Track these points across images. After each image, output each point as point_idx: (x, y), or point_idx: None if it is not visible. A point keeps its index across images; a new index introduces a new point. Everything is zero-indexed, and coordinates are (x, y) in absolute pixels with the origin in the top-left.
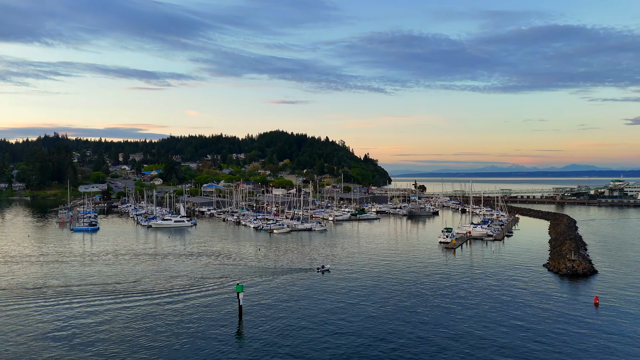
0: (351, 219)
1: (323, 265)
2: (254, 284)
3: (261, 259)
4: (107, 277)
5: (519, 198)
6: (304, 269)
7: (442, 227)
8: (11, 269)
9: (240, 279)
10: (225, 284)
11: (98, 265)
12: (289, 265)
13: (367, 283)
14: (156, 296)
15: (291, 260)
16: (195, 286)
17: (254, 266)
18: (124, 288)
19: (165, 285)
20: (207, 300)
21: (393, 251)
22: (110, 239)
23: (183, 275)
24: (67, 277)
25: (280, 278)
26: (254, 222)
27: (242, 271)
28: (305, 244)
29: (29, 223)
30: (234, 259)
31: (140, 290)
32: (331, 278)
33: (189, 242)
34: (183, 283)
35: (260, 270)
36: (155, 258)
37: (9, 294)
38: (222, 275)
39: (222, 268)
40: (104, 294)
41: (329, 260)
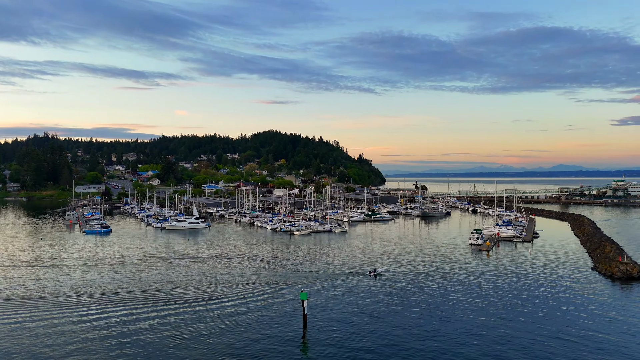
0: (365, 220)
1: (375, 269)
2: (304, 288)
3: (300, 262)
4: (144, 283)
5: (523, 198)
6: (356, 272)
7: (458, 228)
8: (38, 275)
9: (291, 284)
10: (273, 289)
11: (128, 269)
12: (331, 268)
13: (420, 286)
14: (206, 304)
15: (331, 263)
16: (242, 292)
17: (295, 270)
18: (167, 296)
19: (210, 291)
20: (261, 307)
21: (428, 253)
22: (126, 242)
23: (224, 281)
24: (100, 283)
25: (332, 282)
26: (270, 224)
27: (284, 275)
28: (333, 246)
29: (35, 225)
30: (269, 263)
31: (185, 297)
32: (385, 282)
33: (211, 244)
34: (228, 289)
35: (305, 275)
36: (184, 262)
37: (48, 303)
38: (265, 280)
39: (261, 272)
40: (149, 302)
41: (370, 262)
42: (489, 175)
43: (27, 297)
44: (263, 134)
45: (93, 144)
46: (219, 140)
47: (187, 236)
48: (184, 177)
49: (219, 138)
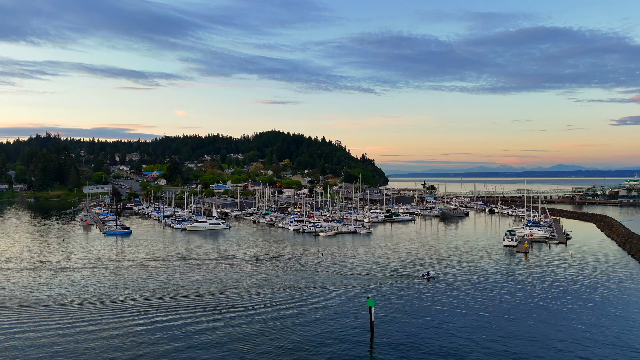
0: (385, 221)
1: (428, 272)
2: (358, 293)
3: (340, 265)
4: (187, 287)
5: (536, 198)
6: (407, 275)
7: (483, 229)
8: (74, 278)
9: (342, 289)
10: (324, 294)
11: (162, 273)
12: (378, 271)
13: (475, 290)
14: (261, 309)
15: (375, 265)
16: (291, 297)
17: (339, 273)
18: (215, 301)
19: (260, 296)
20: (318, 313)
21: (464, 255)
22: (149, 243)
23: (269, 285)
24: (142, 287)
25: (385, 286)
26: (292, 225)
27: (330, 279)
28: (364, 247)
29: (51, 226)
30: (307, 265)
31: (236, 303)
32: (439, 285)
33: (238, 246)
34: (274, 293)
35: (351, 278)
36: (218, 264)
37: (95, 309)
38: (311, 284)
39: (304, 276)
40: (200, 309)
41: (413, 264)
42: (488, 175)
43: (72, 302)
44: (265, 134)
45: (95, 144)
46: (222, 140)
47: (212, 237)
48: (190, 177)
49: (221, 138)
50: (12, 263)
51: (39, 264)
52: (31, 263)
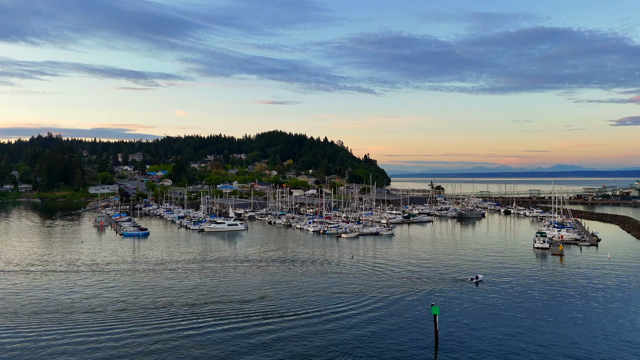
0: (404, 222)
1: (477, 275)
2: (408, 298)
3: (379, 268)
4: (227, 292)
5: (547, 199)
6: (453, 279)
7: (506, 230)
8: (106, 282)
9: (387, 294)
10: (371, 299)
11: (195, 276)
12: (419, 274)
13: (524, 294)
14: (309, 316)
15: (415, 267)
16: (339, 302)
17: (381, 277)
18: (261, 307)
19: (304, 302)
20: (369, 320)
21: (497, 257)
22: (170, 245)
23: (310, 289)
24: (181, 292)
25: (433, 290)
26: (311, 226)
27: (372, 283)
28: (394, 249)
29: (64, 227)
30: (343, 268)
31: (280, 309)
32: (489, 289)
33: (262, 247)
34: (320, 298)
35: (396, 282)
36: (249, 267)
37: (137, 315)
38: (356, 289)
39: (344, 279)
40: (246, 315)
41: (447, 266)
42: (488, 175)
43: (111, 308)
44: (267, 134)
45: (97, 144)
46: (224, 140)
47: (231, 239)
48: (195, 178)
49: (223, 138)
50: (37, 265)
51: (65, 267)
52: (56, 265)
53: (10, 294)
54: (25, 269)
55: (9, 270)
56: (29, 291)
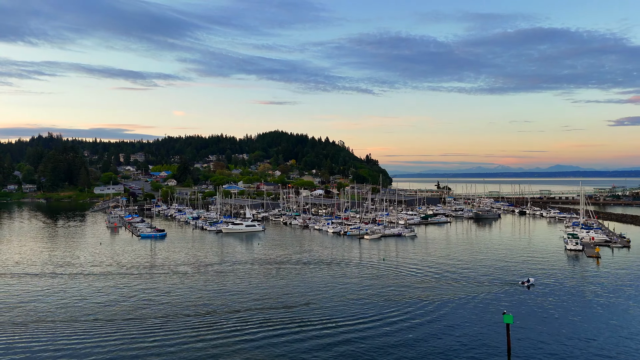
0: (422, 223)
1: (528, 278)
2: (461, 303)
3: (417, 271)
4: (269, 298)
5: (558, 199)
6: (505, 282)
7: (529, 231)
8: (138, 287)
9: (440, 299)
10: (423, 305)
11: (232, 280)
12: (464, 277)
13: (579, 298)
14: (364, 324)
15: (449, 269)
16: (390, 309)
17: (424, 281)
18: (305, 313)
19: (353, 308)
20: (427, 327)
21: (531, 259)
22: (192, 247)
23: (355, 295)
24: (221, 297)
25: (485, 294)
26: (331, 227)
27: (417, 288)
28: (419, 250)
29: (77, 228)
30: (379, 271)
31: (330, 316)
32: (541, 293)
33: (287, 249)
34: (368, 304)
35: (442, 286)
36: (279, 269)
37: (183, 323)
38: (401, 294)
39: (385, 284)
40: (294, 323)
41: (486, 269)
42: (486, 175)
43: (154, 315)
44: (269, 134)
45: (98, 144)
46: (226, 140)
47: (249, 240)
48: (200, 178)
49: (225, 138)
50: (61, 268)
51: (90, 269)
52: (81, 267)
53: (43, 298)
54: (51, 272)
55: (35, 273)
56: (62, 296)
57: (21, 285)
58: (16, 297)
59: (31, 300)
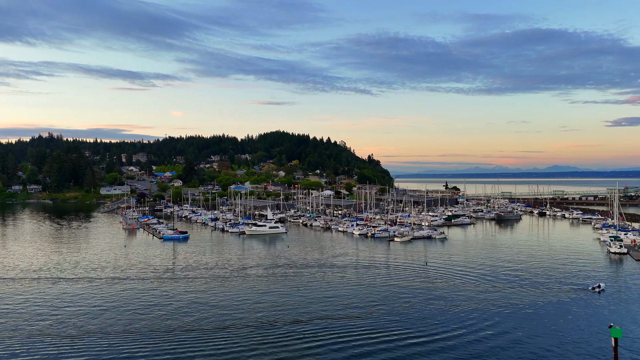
0: (445, 224)
1: (599, 284)
2: (534, 310)
3: (471, 276)
4: (324, 306)
5: (571, 200)
6: (572, 287)
7: (558, 233)
8: (181, 293)
9: (506, 306)
10: (496, 314)
11: (277, 286)
12: (527, 281)
13: None
14: (442, 334)
15: (501, 271)
16: (461, 318)
17: (483, 287)
18: (371, 323)
19: (421, 318)
20: (511, 338)
21: (576, 262)
22: (219, 249)
23: (419, 303)
24: (271, 305)
25: (555, 301)
26: (357, 229)
27: (478, 295)
28: (457, 253)
29: (94, 230)
30: (429, 276)
31: (395, 327)
32: (613, 299)
33: (320, 252)
34: (437, 313)
35: (506, 291)
36: (324, 274)
37: (243, 336)
38: (465, 301)
39: (442, 289)
40: (362, 335)
41: (543, 273)
42: (484, 176)
43: (210, 326)
44: (270, 135)
45: (98, 144)
46: (227, 140)
47: (286, 243)
48: (205, 178)
49: (226, 138)
50: (96, 272)
51: (125, 274)
52: (115, 272)
53: (88, 307)
54: (86, 277)
55: (69, 278)
56: (107, 304)
57: (61, 292)
58: (61, 306)
59: (81, 309)
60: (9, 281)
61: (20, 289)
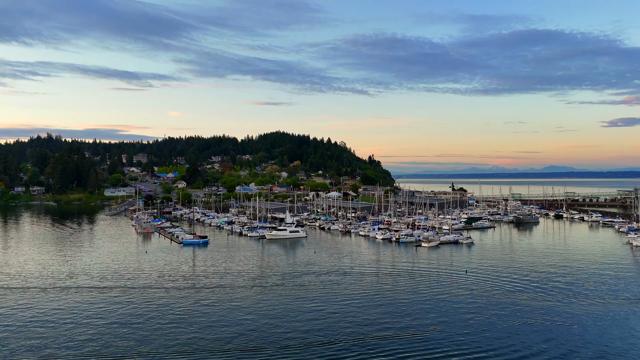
0: (465, 228)
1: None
2: (622, 324)
3: (521, 285)
4: (384, 319)
5: (581, 201)
6: (631, 299)
7: (582, 236)
8: (223, 303)
9: (587, 314)
10: (595, 326)
11: (323, 295)
12: (574, 292)
13: None
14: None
15: (552, 279)
16: (542, 329)
17: (537, 295)
18: (438, 341)
19: (503, 332)
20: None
21: (621, 269)
22: (244, 255)
23: (485, 318)
24: (328, 318)
25: (631, 312)
26: (379, 233)
27: (532, 302)
28: (491, 259)
29: (107, 234)
30: (477, 287)
31: (476, 344)
32: None
33: (349, 259)
34: (513, 326)
35: (580, 302)
36: (370, 282)
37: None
38: (532, 313)
39: (501, 300)
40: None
41: (598, 279)
42: (481, 176)
43: (274, 346)
44: (270, 135)
45: (98, 144)
46: (227, 141)
47: (293, 247)
48: (209, 180)
49: (226, 139)
50: (125, 281)
51: (157, 283)
52: (144, 280)
53: (134, 320)
54: (116, 286)
55: (102, 287)
56: (159, 317)
57: (97, 301)
58: (104, 317)
59: (127, 322)
60: (37, 291)
61: (49, 299)
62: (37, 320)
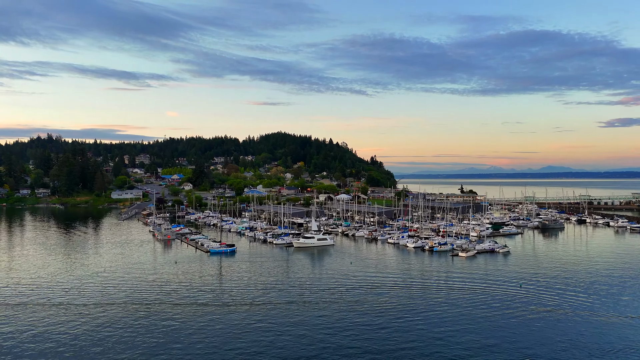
0: (493, 234)
1: None
2: None
3: (583, 299)
4: (457, 340)
5: (595, 205)
6: None
7: (604, 242)
8: (281, 322)
9: None
10: None
11: (379, 312)
12: None
13: None
14: None
15: (622, 291)
16: None
17: (610, 316)
18: None
19: None
20: None
21: None
22: (277, 265)
23: (562, 341)
24: (399, 341)
25: None
26: (410, 241)
27: (612, 325)
28: (535, 268)
29: (125, 240)
30: (545, 303)
31: None
32: None
33: (391, 270)
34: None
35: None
36: (427, 298)
37: None
38: (617, 332)
39: (580, 322)
40: None
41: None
42: (479, 176)
43: None
44: (272, 136)
45: (99, 145)
46: (229, 141)
47: (321, 256)
48: (215, 181)
49: (228, 140)
50: (164, 295)
51: (203, 299)
52: (186, 295)
53: (195, 337)
54: (160, 300)
55: (148, 301)
56: (220, 337)
57: (148, 320)
58: (158, 336)
59: (182, 341)
60: (80, 307)
61: (92, 316)
62: (115, 335)
